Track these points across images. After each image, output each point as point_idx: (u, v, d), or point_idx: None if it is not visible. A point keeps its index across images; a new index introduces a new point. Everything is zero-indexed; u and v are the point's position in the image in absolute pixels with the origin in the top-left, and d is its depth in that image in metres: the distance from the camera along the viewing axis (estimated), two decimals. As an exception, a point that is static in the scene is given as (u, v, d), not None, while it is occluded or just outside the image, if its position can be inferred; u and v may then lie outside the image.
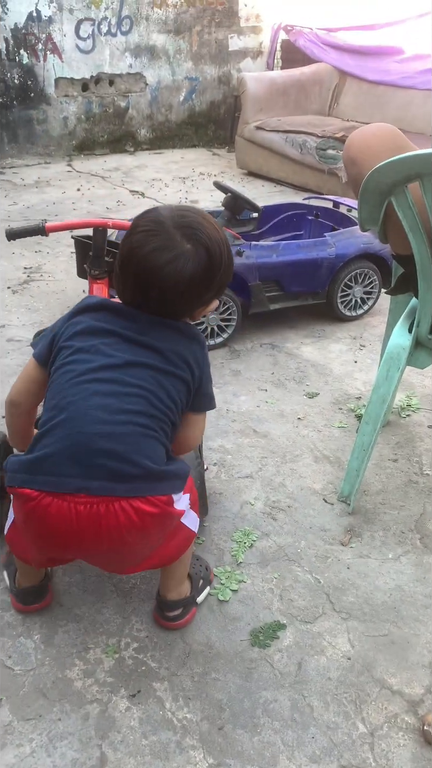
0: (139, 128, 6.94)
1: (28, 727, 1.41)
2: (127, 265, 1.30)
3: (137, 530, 1.26)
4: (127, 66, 6.56)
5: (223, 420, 2.50)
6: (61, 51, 6.11)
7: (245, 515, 2.03)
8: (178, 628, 1.64)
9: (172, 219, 1.28)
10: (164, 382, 1.30)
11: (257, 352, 3.04)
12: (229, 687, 1.52)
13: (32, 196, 5.17)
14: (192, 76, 7.01)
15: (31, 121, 6.25)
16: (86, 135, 6.62)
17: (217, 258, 1.30)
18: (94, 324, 1.33)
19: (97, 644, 1.60)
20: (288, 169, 5.73)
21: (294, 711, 1.47)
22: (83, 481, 1.22)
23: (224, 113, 7.32)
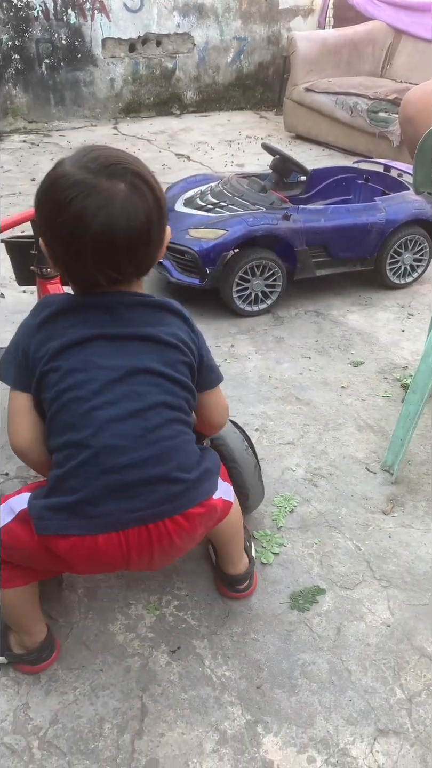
0: (186, 90, 6.83)
1: (72, 677, 1.45)
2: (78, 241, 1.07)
3: (187, 533, 1.22)
4: (175, 25, 6.43)
5: (265, 386, 2.48)
6: (108, 10, 6.02)
7: (286, 481, 2.03)
8: (249, 596, 1.65)
9: (83, 166, 1.08)
10: (171, 373, 1.19)
11: (301, 319, 3.00)
12: (268, 648, 1.53)
13: (78, 159, 5.16)
14: (241, 35, 6.84)
15: (78, 82, 6.21)
16: (132, 97, 6.55)
17: (152, 181, 1.12)
18: (71, 333, 1.15)
19: (138, 600, 1.63)
20: (337, 132, 5.58)
21: (332, 674, 1.48)
22: (130, 513, 1.15)
23: (272, 75, 7.15)
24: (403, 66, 6.03)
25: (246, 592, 1.64)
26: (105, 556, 1.17)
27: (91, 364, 1.15)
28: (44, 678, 1.45)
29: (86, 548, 1.16)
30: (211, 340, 2.80)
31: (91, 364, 1.15)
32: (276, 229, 2.85)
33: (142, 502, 1.15)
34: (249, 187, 3.10)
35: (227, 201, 3.02)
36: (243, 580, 1.63)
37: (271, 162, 3.14)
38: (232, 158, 5.32)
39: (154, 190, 1.11)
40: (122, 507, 1.14)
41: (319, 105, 5.60)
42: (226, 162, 5.21)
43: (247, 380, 2.52)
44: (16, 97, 5.98)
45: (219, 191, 3.12)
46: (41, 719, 1.37)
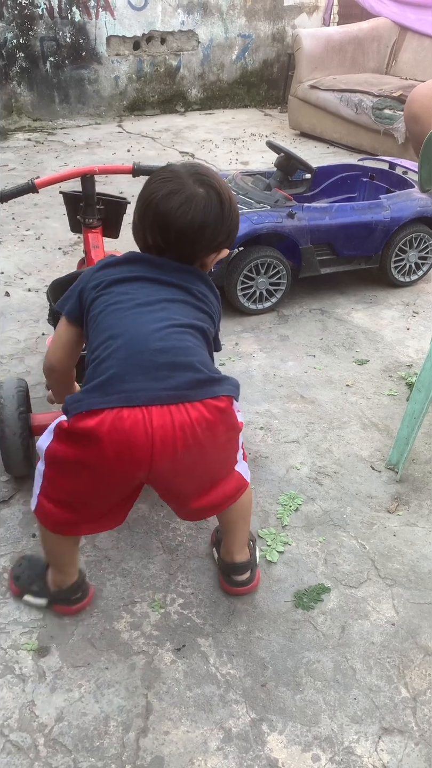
0: (190, 88, 6.82)
1: (77, 674, 1.46)
2: (145, 212, 1.34)
3: (208, 425, 1.25)
4: (179, 23, 6.43)
5: (270, 385, 2.48)
6: (113, 8, 6.02)
7: (291, 479, 2.03)
8: (249, 592, 1.64)
9: (184, 168, 1.37)
10: (202, 316, 1.36)
11: (306, 317, 3.00)
12: (273, 646, 1.54)
13: (83, 157, 5.16)
14: (245, 33, 6.83)
15: (83, 80, 6.21)
16: (137, 95, 6.55)
17: (226, 202, 1.35)
18: (125, 274, 1.37)
19: (143, 599, 1.64)
20: (342, 130, 5.57)
21: (336, 672, 1.48)
22: (155, 392, 1.21)
23: (277, 72, 7.13)
24: (408, 63, 6.01)
25: (247, 586, 1.64)
26: (130, 436, 1.20)
27: (136, 289, 1.34)
28: (50, 675, 1.45)
29: (112, 425, 1.20)
30: (215, 338, 2.80)
31: (136, 289, 1.34)
32: (281, 227, 2.84)
33: (168, 383, 1.22)
34: (253, 185, 3.09)
35: (232, 199, 3.02)
36: (243, 569, 1.63)
37: (276, 160, 3.13)
38: (237, 156, 5.31)
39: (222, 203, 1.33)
40: (149, 385, 1.22)
41: (324, 102, 5.59)
42: (230, 160, 5.20)
43: (252, 378, 2.52)
44: (21, 95, 5.99)
45: (223, 189, 3.11)
46: (47, 717, 1.38)
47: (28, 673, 1.46)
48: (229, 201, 1.36)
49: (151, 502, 1.92)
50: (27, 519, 1.84)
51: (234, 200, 1.39)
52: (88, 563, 1.72)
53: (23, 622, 1.56)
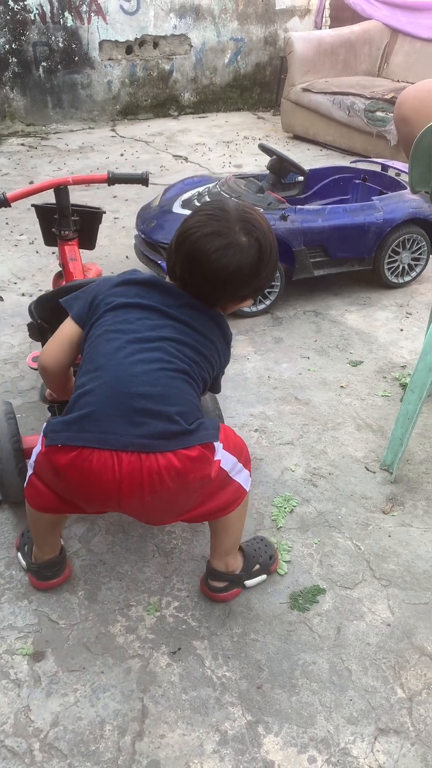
0: (183, 92, 6.84)
1: (73, 678, 1.46)
2: (182, 243, 1.32)
3: (177, 473, 1.27)
4: (172, 27, 6.44)
5: (264, 387, 2.49)
6: (105, 12, 6.03)
7: (286, 481, 2.03)
8: (217, 600, 1.64)
9: (236, 211, 1.33)
10: (199, 360, 1.37)
11: (300, 319, 3.00)
12: (268, 648, 1.54)
13: (76, 162, 5.17)
14: (237, 36, 6.85)
15: (76, 85, 6.21)
16: (130, 99, 6.56)
17: (266, 257, 1.34)
18: (140, 300, 1.37)
19: (138, 602, 1.63)
20: (335, 132, 5.58)
21: (332, 674, 1.48)
22: (128, 438, 1.24)
23: (270, 75, 7.15)
24: (399, 65, 6.03)
25: (215, 593, 1.63)
26: (97, 475, 1.26)
27: (140, 319, 1.34)
28: (45, 680, 1.45)
29: (82, 462, 1.26)
30: (209, 341, 2.80)
31: (140, 319, 1.34)
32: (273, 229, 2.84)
33: (142, 430, 1.25)
34: (246, 188, 3.10)
35: (225, 202, 3.02)
36: (217, 576, 1.62)
37: (269, 163, 3.14)
38: (230, 159, 5.32)
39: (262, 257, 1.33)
40: (123, 430, 1.24)
41: (317, 105, 5.61)
42: (223, 163, 5.21)
43: (246, 381, 2.52)
44: (14, 100, 5.99)
45: (216, 192, 3.12)
46: (42, 721, 1.37)
47: (23, 678, 1.45)
48: (269, 256, 1.35)
49: (146, 505, 1.91)
50: (20, 522, 1.83)
51: (275, 254, 1.38)
52: (82, 567, 1.72)
53: (18, 627, 1.56)
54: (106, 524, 1.85)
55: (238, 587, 1.65)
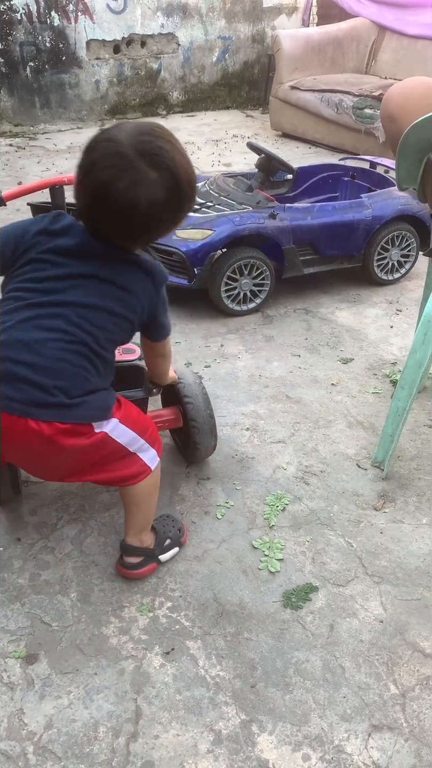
0: (172, 91, 6.83)
1: (66, 681, 1.45)
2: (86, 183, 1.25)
3: (46, 441, 1.34)
4: (159, 26, 6.43)
5: (255, 385, 2.49)
6: (92, 12, 6.01)
7: (277, 479, 2.03)
8: (131, 578, 1.69)
9: (133, 147, 1.20)
10: (107, 324, 1.35)
11: (291, 317, 3.01)
12: (262, 647, 1.54)
13: (65, 162, 5.15)
14: (225, 35, 6.85)
15: (63, 85, 6.20)
16: (118, 99, 6.54)
17: (184, 186, 1.26)
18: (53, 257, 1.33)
19: (131, 603, 1.63)
20: (323, 130, 5.59)
21: (325, 671, 1.48)
22: (7, 400, 1.30)
23: (258, 73, 7.15)
24: (387, 62, 6.05)
25: (129, 570, 1.68)
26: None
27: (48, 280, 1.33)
28: (38, 683, 1.44)
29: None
30: (200, 340, 2.80)
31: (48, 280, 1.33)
32: (263, 228, 2.85)
33: (20, 396, 1.30)
34: (235, 186, 3.10)
35: (213, 201, 3.03)
36: (131, 552, 1.68)
37: (257, 161, 3.14)
38: (219, 158, 5.32)
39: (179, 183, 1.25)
40: (5, 392, 1.30)
41: (305, 103, 5.61)
42: (213, 162, 5.21)
43: (238, 380, 2.52)
44: (1, 101, 5.96)
45: (205, 191, 3.12)
46: (36, 724, 1.37)
47: (16, 681, 1.45)
48: (187, 183, 1.26)
49: (138, 505, 1.91)
50: (11, 524, 1.83)
51: (193, 178, 1.28)
52: (75, 569, 1.71)
53: (11, 630, 1.55)
54: (99, 525, 1.85)
55: (153, 562, 1.71)
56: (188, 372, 1.97)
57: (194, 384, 1.92)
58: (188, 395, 1.89)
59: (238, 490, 1.98)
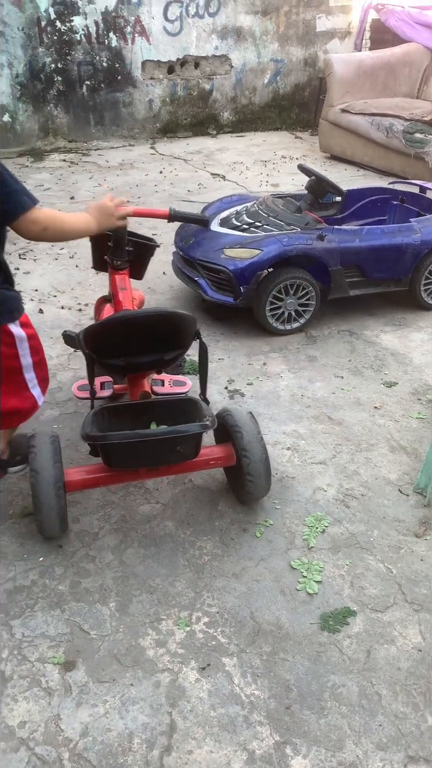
0: (222, 111, 6.93)
1: (103, 690, 1.47)
2: None
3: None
4: (213, 48, 6.54)
5: (297, 405, 2.49)
6: (149, 33, 6.16)
7: (317, 501, 2.03)
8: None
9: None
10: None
11: (334, 338, 3.00)
12: (298, 668, 1.53)
13: (116, 178, 5.26)
14: (277, 57, 6.93)
15: (118, 103, 6.34)
16: (170, 118, 6.66)
17: None
18: None
19: (169, 616, 1.64)
20: (373, 153, 5.59)
21: (362, 697, 1.47)
22: None
23: (309, 96, 7.20)
24: (439, 87, 6.03)
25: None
26: None
27: None
28: (76, 690, 1.46)
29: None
30: (243, 357, 2.82)
31: None
32: (310, 249, 2.86)
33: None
34: (284, 207, 3.13)
35: (262, 221, 3.06)
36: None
37: (307, 183, 3.17)
38: (267, 178, 5.37)
39: None
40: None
41: (355, 126, 5.63)
42: (261, 182, 5.26)
43: (280, 399, 2.53)
44: (57, 118, 6.13)
45: (254, 211, 3.16)
46: (72, 731, 1.39)
47: (54, 686, 1.47)
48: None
49: (178, 519, 1.93)
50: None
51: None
52: (115, 579, 1.74)
53: (50, 636, 1.58)
54: (139, 537, 1.87)
55: (2, 472, 2.05)
56: (246, 417, 1.90)
57: (252, 433, 1.86)
58: (247, 449, 1.84)
59: (277, 509, 1.98)
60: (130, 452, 1.72)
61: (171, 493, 2.03)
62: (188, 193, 4.93)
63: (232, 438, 1.87)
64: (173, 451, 1.73)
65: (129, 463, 1.80)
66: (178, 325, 1.81)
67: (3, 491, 2.02)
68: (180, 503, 1.99)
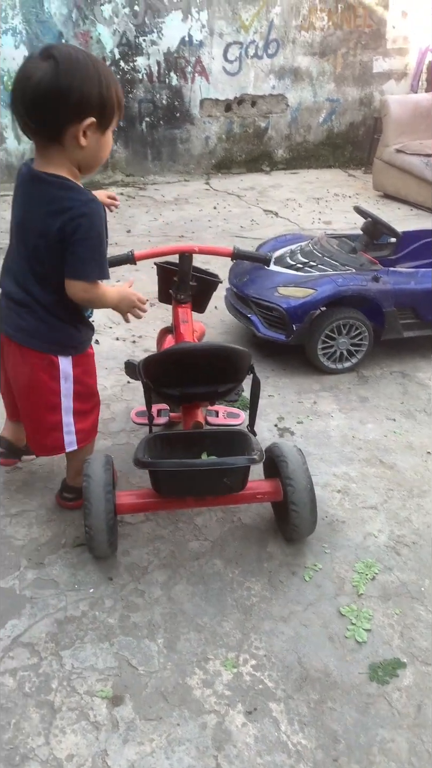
0: (277, 148, 7.04)
1: (149, 727, 1.47)
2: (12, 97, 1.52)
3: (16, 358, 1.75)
4: (270, 87, 6.69)
5: (348, 447, 2.48)
6: (208, 73, 6.34)
7: (368, 546, 2.01)
8: (69, 508, 2.09)
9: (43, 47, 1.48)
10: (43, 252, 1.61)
11: (386, 379, 2.99)
12: (345, 719, 1.51)
13: (171, 213, 5.38)
14: (333, 97, 7.03)
15: (175, 140, 6.52)
16: (225, 154, 6.81)
17: (67, 66, 1.43)
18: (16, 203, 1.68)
19: (216, 656, 1.64)
20: (427, 194, 5.59)
21: (411, 755, 1.44)
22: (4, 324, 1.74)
23: (363, 135, 7.27)
24: None
25: (68, 502, 2.10)
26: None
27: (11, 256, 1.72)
28: (123, 726, 1.47)
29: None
30: (293, 395, 2.83)
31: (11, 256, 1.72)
32: (365, 290, 2.88)
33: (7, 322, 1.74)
34: (339, 247, 3.15)
35: (317, 261, 3.09)
36: (69, 490, 2.10)
37: (363, 224, 3.19)
38: (320, 215, 5.41)
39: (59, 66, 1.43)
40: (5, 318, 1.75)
41: (410, 166, 5.65)
42: (313, 219, 5.31)
43: (330, 439, 2.52)
44: (116, 152, 6.33)
45: (309, 251, 3.19)
46: (118, 768, 1.39)
47: (101, 721, 1.48)
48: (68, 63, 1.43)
49: (227, 558, 1.94)
50: (104, 563, 1.89)
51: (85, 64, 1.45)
52: (163, 615, 1.75)
53: (99, 669, 1.60)
54: (188, 574, 1.88)
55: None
56: (292, 449, 1.91)
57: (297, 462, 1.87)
58: (292, 478, 1.84)
59: (327, 553, 1.97)
60: (178, 481, 1.77)
61: (220, 530, 2.04)
62: (241, 229, 5.01)
63: (278, 468, 1.89)
64: (220, 482, 1.76)
65: (177, 491, 1.84)
66: (234, 359, 1.86)
67: (55, 520, 2.06)
68: (229, 541, 2.00)
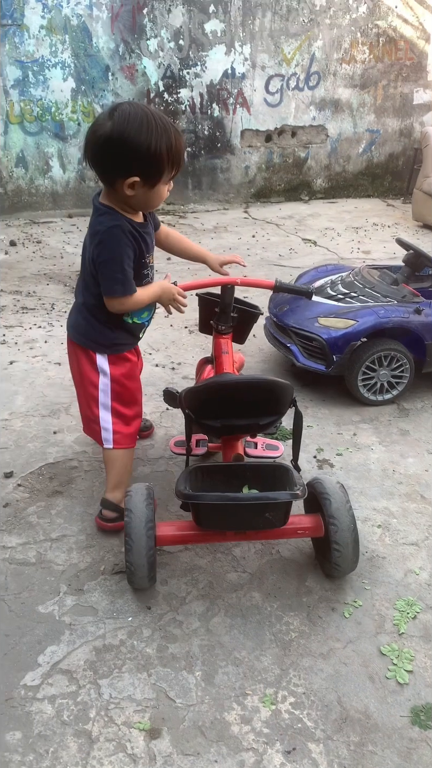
0: (316, 178, 7.10)
1: (187, 763, 1.46)
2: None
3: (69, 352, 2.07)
4: (311, 118, 6.77)
5: (388, 481, 2.45)
6: (249, 104, 6.45)
7: (409, 584, 1.97)
8: (105, 529, 2.10)
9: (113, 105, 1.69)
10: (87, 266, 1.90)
11: (428, 412, 2.96)
12: (387, 764, 1.47)
13: (210, 241, 5.45)
14: (373, 128, 7.08)
15: (215, 169, 6.62)
16: (264, 183, 6.89)
17: (120, 126, 1.63)
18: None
19: (254, 692, 1.62)
20: (467, 224, 5.57)
21: (456, 805, 1.39)
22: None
23: (402, 165, 7.30)
24: None
25: (105, 522, 2.10)
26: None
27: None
28: (160, 760, 1.46)
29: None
30: (332, 426, 2.81)
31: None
32: (407, 322, 2.86)
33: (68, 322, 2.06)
34: (380, 279, 3.15)
35: (358, 292, 3.09)
36: (107, 506, 2.11)
37: (405, 256, 3.18)
38: (359, 245, 5.42)
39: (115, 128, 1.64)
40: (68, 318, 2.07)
41: (450, 197, 5.64)
42: (352, 248, 5.32)
43: (370, 472, 2.50)
44: (158, 181, 6.45)
45: (350, 282, 3.20)
46: (155, 803, 1.38)
47: (139, 753, 1.47)
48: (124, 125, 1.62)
49: (265, 591, 1.92)
50: (142, 592, 1.89)
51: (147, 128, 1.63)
52: (201, 647, 1.74)
53: (137, 700, 1.59)
54: (226, 605, 1.87)
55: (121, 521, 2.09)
56: (336, 486, 1.90)
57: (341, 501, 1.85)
58: (335, 517, 1.82)
59: (367, 589, 1.94)
60: (220, 514, 1.76)
61: (258, 563, 2.03)
62: (279, 258, 5.04)
63: (321, 505, 1.87)
64: (262, 516, 1.75)
65: (218, 525, 1.82)
66: (276, 392, 1.86)
67: (95, 546, 2.08)
68: (267, 574, 1.99)
